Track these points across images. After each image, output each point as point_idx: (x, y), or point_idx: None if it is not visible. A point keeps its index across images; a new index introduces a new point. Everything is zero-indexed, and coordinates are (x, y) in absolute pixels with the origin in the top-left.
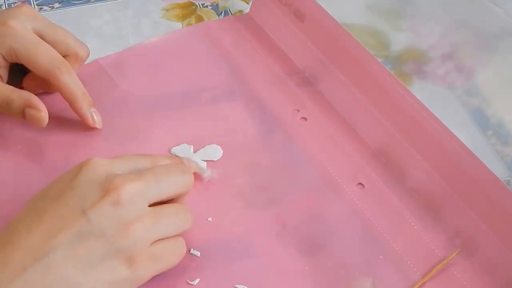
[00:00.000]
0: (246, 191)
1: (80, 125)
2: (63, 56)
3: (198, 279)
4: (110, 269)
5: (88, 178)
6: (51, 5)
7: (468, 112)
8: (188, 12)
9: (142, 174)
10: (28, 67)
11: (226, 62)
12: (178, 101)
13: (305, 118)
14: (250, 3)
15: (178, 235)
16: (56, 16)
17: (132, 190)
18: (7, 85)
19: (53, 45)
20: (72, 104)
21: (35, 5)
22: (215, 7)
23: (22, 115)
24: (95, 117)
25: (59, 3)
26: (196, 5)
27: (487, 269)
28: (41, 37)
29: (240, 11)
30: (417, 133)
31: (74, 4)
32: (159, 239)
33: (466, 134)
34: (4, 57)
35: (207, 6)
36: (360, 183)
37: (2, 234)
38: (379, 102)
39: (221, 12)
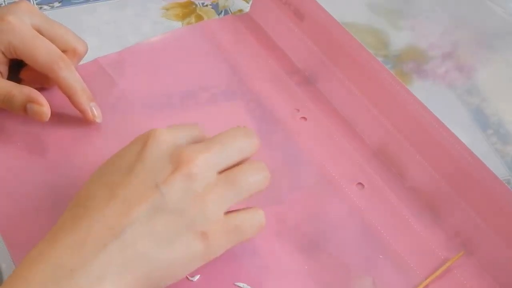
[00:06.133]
0: None
1: (80, 120)
2: (62, 52)
3: (198, 276)
4: (186, 244)
5: (156, 150)
6: (50, 4)
7: (468, 111)
8: (188, 11)
9: (209, 143)
10: (27, 63)
11: (226, 61)
12: (178, 101)
13: (305, 118)
14: (250, 2)
15: (258, 205)
16: (56, 15)
17: (202, 162)
18: (8, 81)
19: (52, 40)
20: (71, 98)
21: (34, 4)
22: (215, 6)
23: (24, 111)
24: (94, 111)
25: (59, 2)
26: (196, 4)
27: (487, 269)
28: (40, 32)
29: (240, 10)
30: (417, 133)
31: (74, 3)
32: (237, 210)
33: (466, 133)
34: (3, 53)
35: (207, 5)
36: (360, 183)
37: (76, 210)
38: (379, 101)
39: (221, 11)
